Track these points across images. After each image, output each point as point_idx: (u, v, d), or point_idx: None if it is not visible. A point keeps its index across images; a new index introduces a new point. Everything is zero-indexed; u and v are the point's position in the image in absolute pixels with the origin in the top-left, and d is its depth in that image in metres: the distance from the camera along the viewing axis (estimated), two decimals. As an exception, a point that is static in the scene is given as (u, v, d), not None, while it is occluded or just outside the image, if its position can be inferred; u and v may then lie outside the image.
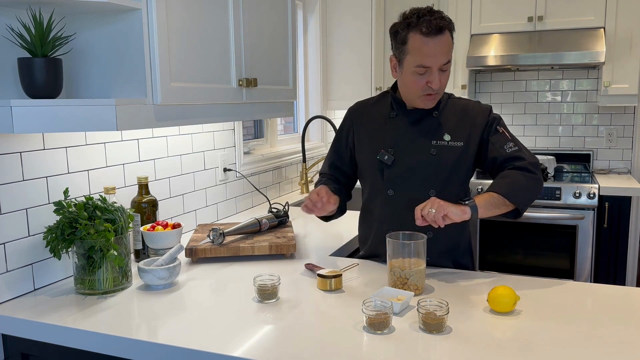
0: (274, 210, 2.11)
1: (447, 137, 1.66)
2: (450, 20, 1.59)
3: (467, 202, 1.52)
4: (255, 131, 3.01)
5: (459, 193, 1.69)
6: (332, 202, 1.62)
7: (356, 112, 1.81)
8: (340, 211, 1.79)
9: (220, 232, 1.83)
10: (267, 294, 1.42)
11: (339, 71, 3.48)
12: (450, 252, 1.75)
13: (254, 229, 1.96)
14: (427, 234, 1.57)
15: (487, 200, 1.55)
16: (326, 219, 1.81)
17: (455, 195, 1.65)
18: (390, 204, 1.70)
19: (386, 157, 1.67)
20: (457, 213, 1.48)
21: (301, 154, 3.11)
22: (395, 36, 1.61)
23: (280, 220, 2.06)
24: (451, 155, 1.66)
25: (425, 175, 1.66)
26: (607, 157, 3.78)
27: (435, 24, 1.52)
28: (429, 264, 1.67)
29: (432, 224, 1.48)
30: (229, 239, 1.89)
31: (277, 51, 2.02)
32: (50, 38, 1.35)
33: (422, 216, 1.48)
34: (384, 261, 1.69)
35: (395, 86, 1.73)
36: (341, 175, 1.84)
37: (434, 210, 1.46)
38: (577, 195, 3.21)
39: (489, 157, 1.66)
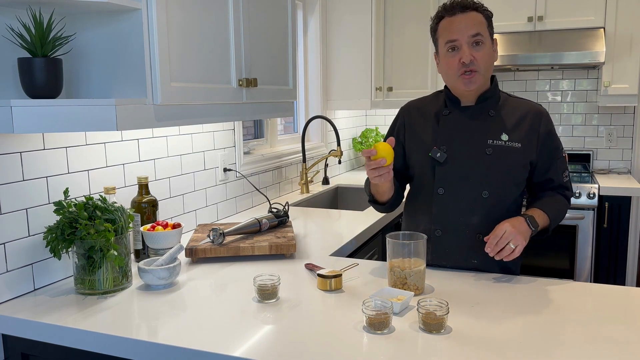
0: (274, 210, 2.11)
1: (504, 137, 1.62)
2: (482, 5, 1.61)
3: (532, 226, 1.57)
4: (255, 131, 3.01)
5: (513, 195, 1.66)
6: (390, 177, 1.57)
7: (408, 110, 1.79)
8: (392, 205, 1.75)
9: (220, 232, 1.83)
10: (267, 294, 1.42)
11: (339, 71, 3.48)
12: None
13: (254, 229, 1.96)
14: (477, 237, 1.63)
15: (542, 225, 1.63)
16: (380, 207, 1.77)
17: (509, 197, 1.65)
18: (440, 203, 1.66)
19: (439, 154, 1.64)
20: (524, 243, 1.54)
21: (301, 154, 3.11)
22: (432, 33, 1.67)
23: (280, 220, 2.06)
24: (508, 155, 1.61)
25: (479, 176, 1.62)
26: (607, 157, 3.78)
27: (457, 4, 1.59)
28: (476, 268, 1.66)
29: (503, 257, 1.52)
30: (229, 239, 1.89)
31: (277, 51, 2.02)
32: (50, 38, 1.35)
33: (495, 246, 1.52)
34: (430, 264, 1.68)
35: None
36: (394, 173, 1.76)
37: (513, 247, 1.50)
38: (577, 195, 3.21)
39: (547, 176, 1.68)
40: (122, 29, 1.41)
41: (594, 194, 3.18)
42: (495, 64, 3.41)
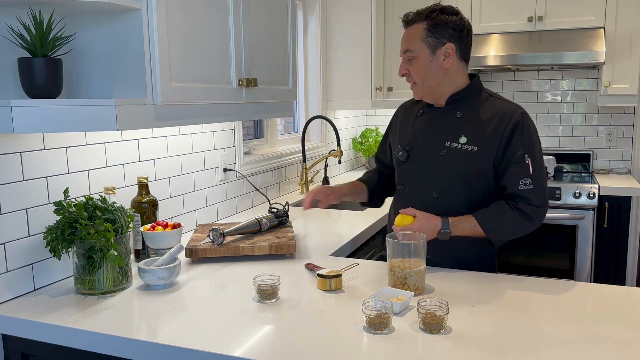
0: (274, 210, 2.11)
1: (462, 140, 1.63)
2: (429, 12, 1.62)
3: (444, 229, 1.57)
4: (255, 131, 3.01)
5: (465, 198, 1.64)
6: (331, 199, 1.85)
7: (400, 110, 1.90)
8: (373, 199, 1.95)
9: (220, 232, 1.83)
10: (267, 294, 1.42)
11: (339, 71, 3.48)
12: (456, 251, 1.68)
13: (254, 229, 1.96)
14: None
15: (464, 233, 1.59)
16: (362, 205, 1.98)
17: (460, 200, 1.64)
18: (400, 198, 1.78)
19: (400, 153, 1.74)
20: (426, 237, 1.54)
21: (301, 154, 3.11)
22: None
23: (280, 220, 2.06)
24: (461, 159, 1.62)
25: (432, 176, 1.67)
26: (607, 157, 3.78)
27: (404, 19, 1.68)
28: (430, 263, 1.65)
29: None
30: (229, 239, 1.89)
31: (277, 51, 2.02)
32: (50, 38, 1.35)
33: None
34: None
35: None
36: (383, 167, 1.98)
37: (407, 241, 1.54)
38: (577, 195, 3.21)
39: (502, 182, 1.62)
40: (122, 29, 1.41)
41: (594, 194, 3.18)
42: (496, 63, 3.43)
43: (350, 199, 1.92)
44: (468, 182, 1.63)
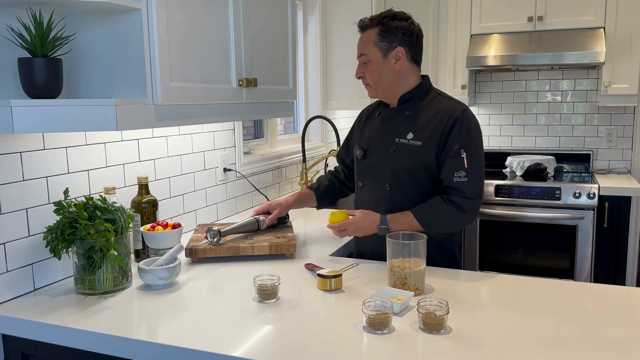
0: None
1: (409, 136, 1.74)
2: (382, 17, 1.74)
3: (382, 225, 1.70)
4: (255, 131, 3.01)
5: (416, 190, 1.74)
6: (278, 213, 1.99)
7: (363, 112, 1.98)
8: (323, 203, 2.10)
9: (217, 230, 1.83)
10: (267, 294, 1.42)
11: (339, 71, 3.48)
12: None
13: (252, 228, 1.96)
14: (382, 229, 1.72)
15: (402, 228, 1.67)
16: (317, 207, 2.11)
17: (412, 191, 1.74)
18: (359, 195, 1.89)
19: (358, 152, 1.86)
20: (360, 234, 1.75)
21: (301, 154, 3.11)
22: None
23: (279, 219, 2.06)
24: (408, 153, 1.73)
25: (384, 170, 1.78)
26: (607, 157, 3.78)
27: (361, 22, 1.77)
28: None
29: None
30: (226, 238, 1.89)
31: (277, 51, 2.02)
32: (50, 38, 1.35)
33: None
34: (357, 252, 1.94)
35: None
36: (344, 166, 2.08)
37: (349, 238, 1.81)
38: (577, 195, 3.21)
39: (440, 177, 1.72)
40: (122, 29, 1.41)
41: (594, 194, 3.18)
42: (496, 63, 3.43)
43: (299, 207, 2.08)
44: (415, 174, 1.74)
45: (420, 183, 1.74)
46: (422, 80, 1.80)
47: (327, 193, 2.09)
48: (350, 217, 1.75)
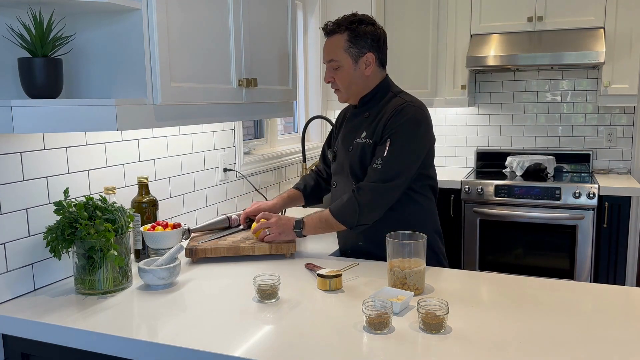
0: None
1: (363, 135, 1.79)
2: (347, 24, 1.75)
3: (296, 229, 1.80)
4: (255, 131, 3.01)
5: None
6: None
7: (341, 113, 2.03)
8: (311, 202, 2.13)
9: (187, 228, 1.89)
10: (267, 294, 1.42)
11: (339, 71, 3.47)
12: (352, 239, 1.87)
13: (223, 226, 2.03)
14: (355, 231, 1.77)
15: (316, 226, 1.80)
16: (304, 206, 2.13)
17: None
18: (334, 194, 1.93)
19: (331, 155, 1.95)
20: (279, 236, 1.81)
21: (301, 154, 3.11)
22: None
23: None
24: (361, 151, 1.77)
25: (347, 170, 1.82)
26: (607, 157, 3.78)
27: (325, 27, 1.79)
28: (367, 251, 1.82)
29: (261, 238, 1.82)
30: (208, 240, 1.89)
31: (277, 51, 2.02)
32: (50, 38, 1.35)
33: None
34: (341, 251, 1.96)
35: None
36: (327, 166, 2.09)
37: (267, 232, 1.78)
38: (577, 195, 3.21)
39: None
40: (122, 29, 1.41)
41: (594, 194, 3.18)
42: (496, 63, 3.43)
43: (289, 207, 2.12)
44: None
45: None
46: (380, 81, 1.82)
47: (313, 192, 2.12)
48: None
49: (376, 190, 1.69)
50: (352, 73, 1.77)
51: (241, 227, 2.04)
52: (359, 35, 1.75)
